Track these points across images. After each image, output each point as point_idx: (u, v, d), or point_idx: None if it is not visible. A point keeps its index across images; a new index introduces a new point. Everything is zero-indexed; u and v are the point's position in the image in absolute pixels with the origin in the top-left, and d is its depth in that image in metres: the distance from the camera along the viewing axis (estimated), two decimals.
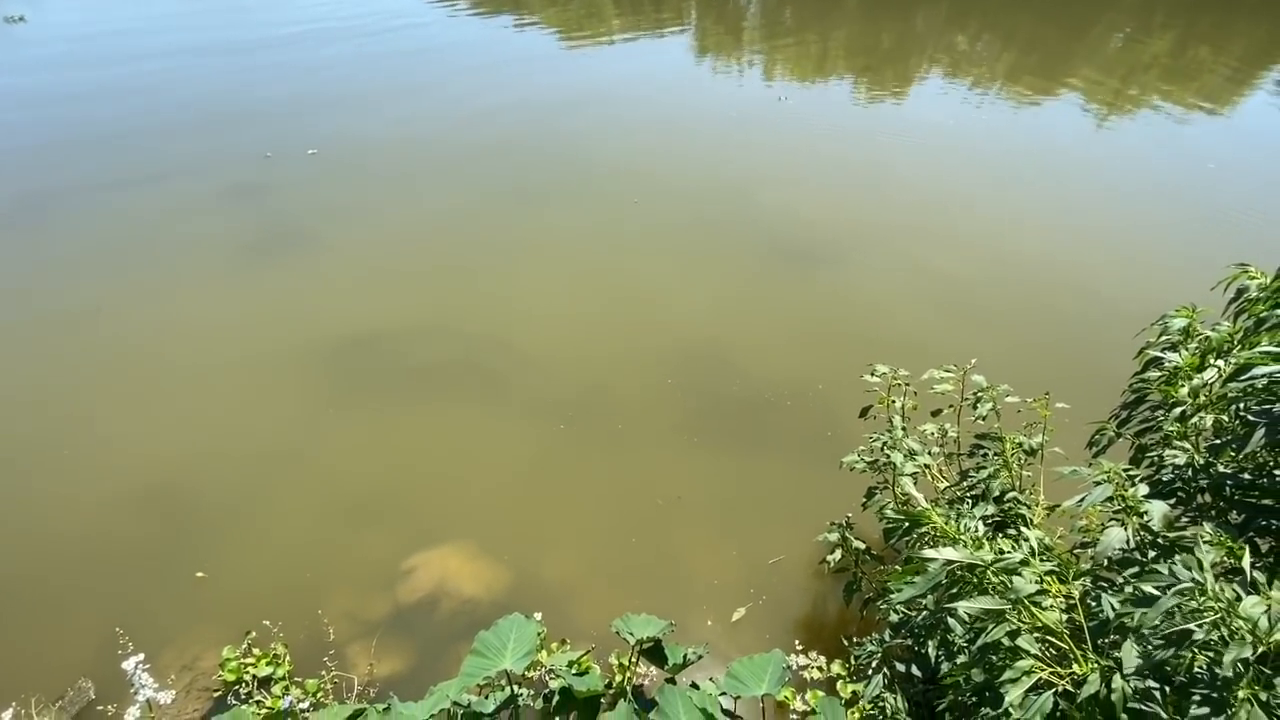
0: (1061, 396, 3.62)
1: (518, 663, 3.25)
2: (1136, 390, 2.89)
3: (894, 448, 3.83)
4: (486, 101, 12.86)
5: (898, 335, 7.01)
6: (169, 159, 10.27)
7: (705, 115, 12.68)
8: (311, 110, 12.26)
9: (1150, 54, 17.37)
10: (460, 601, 4.64)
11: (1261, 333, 2.47)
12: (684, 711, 3.18)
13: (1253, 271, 2.71)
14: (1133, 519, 2.36)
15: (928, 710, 3.19)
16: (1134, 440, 3.02)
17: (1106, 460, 2.57)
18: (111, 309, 7.20)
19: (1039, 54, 17.55)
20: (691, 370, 6.55)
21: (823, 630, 4.57)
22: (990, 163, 11.16)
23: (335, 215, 8.97)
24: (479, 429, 5.95)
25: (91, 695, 4.08)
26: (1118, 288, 7.78)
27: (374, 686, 4.16)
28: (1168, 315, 2.97)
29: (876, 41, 17.91)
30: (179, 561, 4.81)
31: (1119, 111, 13.78)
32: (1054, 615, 2.24)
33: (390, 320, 7.13)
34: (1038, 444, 3.60)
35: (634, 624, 3.66)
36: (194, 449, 5.67)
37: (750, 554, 4.97)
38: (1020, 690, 2.10)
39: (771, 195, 9.67)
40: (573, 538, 5.07)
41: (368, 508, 5.22)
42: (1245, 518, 2.50)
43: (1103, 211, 9.65)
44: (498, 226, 8.85)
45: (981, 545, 2.41)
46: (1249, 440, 2.28)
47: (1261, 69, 16.56)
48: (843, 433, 5.65)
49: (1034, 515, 3.29)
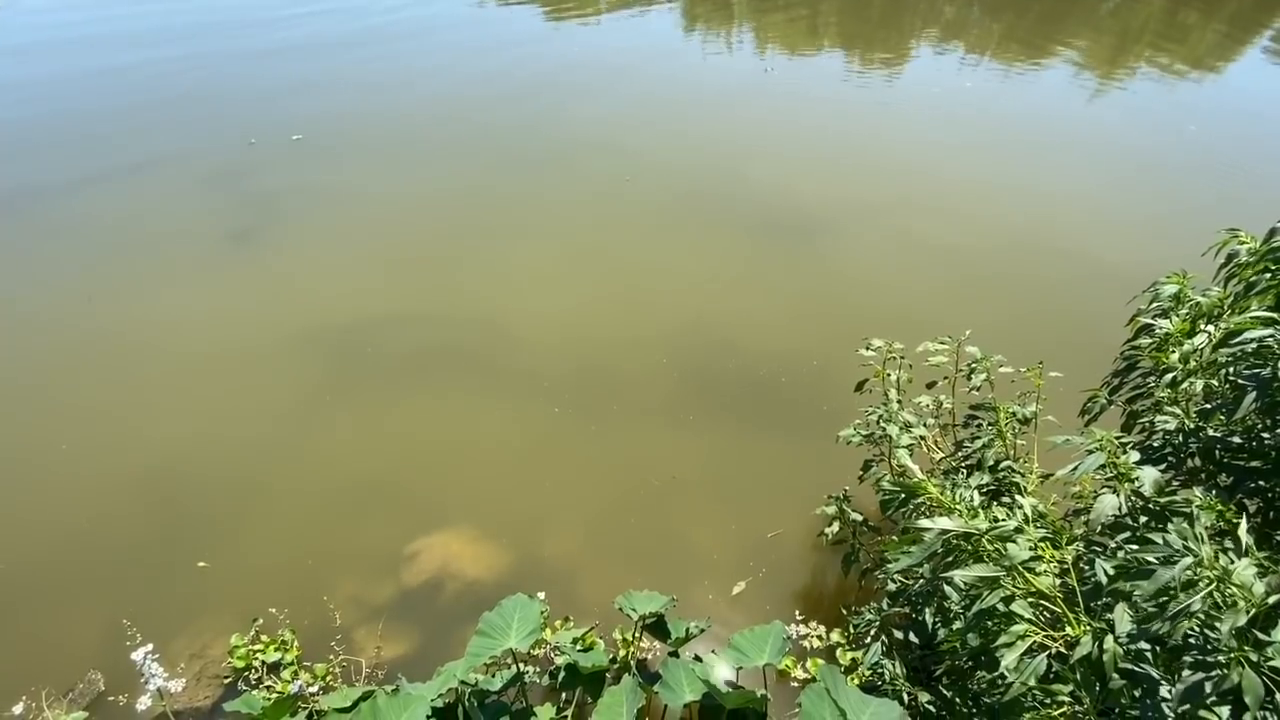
0: (1055, 365, 3.65)
1: (522, 641, 3.30)
2: (1128, 357, 2.91)
3: (890, 420, 3.86)
4: (472, 81, 12.67)
5: (892, 308, 7.02)
6: (151, 148, 10.09)
7: (695, 90, 12.53)
8: (294, 94, 12.05)
9: (1141, 18, 17.21)
10: (464, 584, 4.69)
11: (1251, 297, 2.49)
12: (687, 684, 3.25)
13: (1242, 236, 2.72)
14: (1125, 485, 2.40)
15: (925, 675, 3.26)
16: (1126, 407, 3.05)
17: (1099, 428, 2.60)
18: (102, 300, 7.14)
19: (1030, 20, 17.36)
20: (686, 348, 6.56)
21: (822, 601, 4.64)
22: (981, 131, 11.09)
23: (323, 201, 8.87)
24: (476, 412, 5.96)
25: (101, 687, 4.12)
26: (1111, 255, 7.79)
27: (382, 669, 4.22)
28: (1159, 282, 2.99)
29: (867, 11, 17.67)
30: (183, 552, 4.83)
31: (1110, 76, 13.69)
32: (1047, 580, 2.29)
33: (384, 305, 7.09)
34: (1031, 413, 3.64)
35: (636, 600, 3.71)
36: (193, 440, 5.67)
37: (749, 528, 5.03)
38: (1016, 654, 2.15)
39: (763, 169, 9.61)
40: (573, 518, 5.12)
41: (368, 493, 5.25)
42: (1234, 480, 2.54)
43: (1094, 178, 9.64)
44: (488, 208, 8.77)
45: (976, 514, 2.45)
46: (1240, 405, 2.31)
47: (1250, 32, 16.44)
48: (839, 407, 5.69)
49: (1028, 483, 3.33)
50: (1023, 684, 2.18)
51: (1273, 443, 2.47)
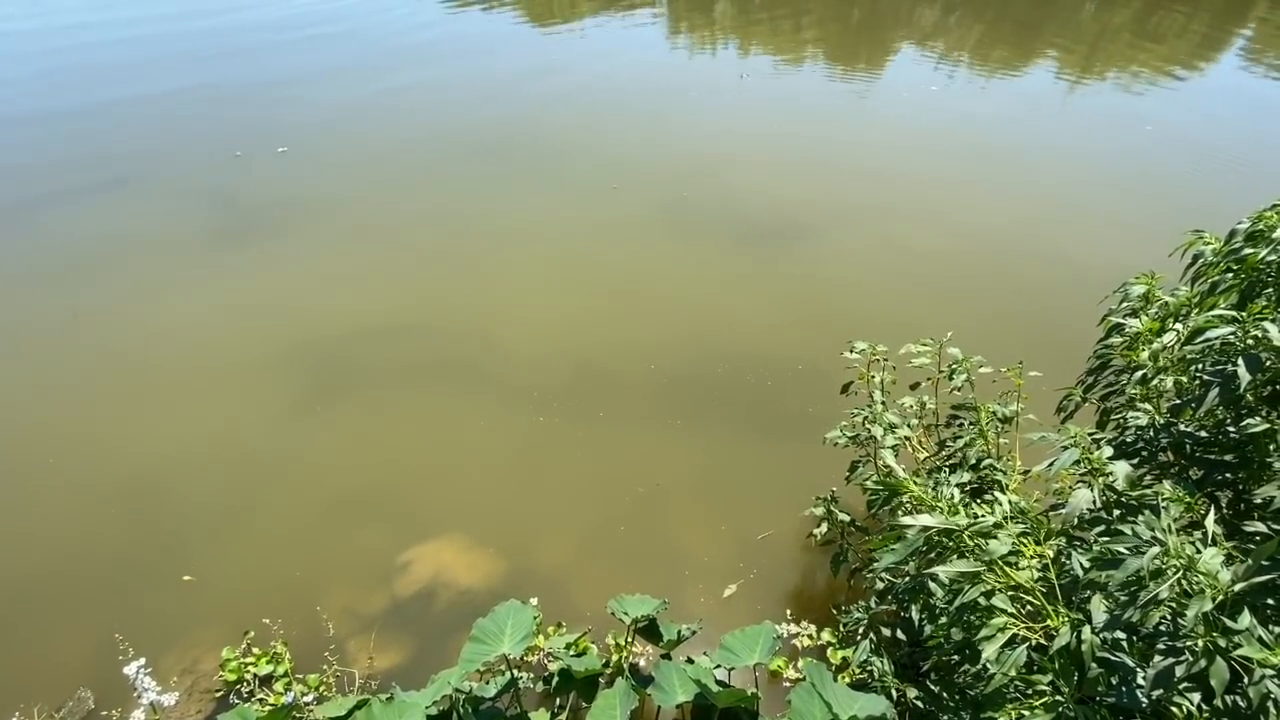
0: (1035, 364, 3.74)
1: (516, 647, 3.33)
2: (1100, 356, 3.00)
3: (875, 422, 3.93)
4: (457, 93, 12.72)
5: (875, 311, 7.12)
6: (136, 161, 10.06)
7: (679, 97, 12.65)
8: (278, 105, 12.05)
9: (1117, 22, 17.54)
10: (457, 592, 4.70)
11: (1215, 296, 2.58)
12: (680, 685, 3.29)
13: (1207, 237, 2.82)
14: (1099, 480, 2.47)
15: (913, 671, 3.32)
16: (1100, 404, 3.14)
17: (1074, 425, 2.68)
18: (87, 315, 7.10)
19: (1008, 25, 17.66)
20: (673, 354, 6.62)
21: (812, 601, 4.70)
22: (958, 135, 11.27)
23: (309, 213, 8.87)
24: (465, 421, 5.98)
25: (91, 705, 4.10)
26: (1087, 255, 7.95)
27: (375, 679, 4.23)
28: (1128, 282, 3.08)
29: (847, 17, 17.90)
30: (174, 566, 4.82)
31: (1087, 80, 13.95)
32: (1027, 574, 2.35)
33: (370, 315, 7.10)
34: (1012, 412, 3.72)
35: (628, 604, 3.75)
36: (182, 452, 5.65)
37: (740, 531, 5.08)
38: (995, 646, 2.21)
39: (746, 176, 9.72)
40: (564, 525, 5.15)
41: (358, 504, 5.26)
42: (1204, 473, 2.62)
43: (1070, 180, 9.82)
44: (474, 218, 8.81)
45: (957, 511, 2.51)
46: (1206, 400, 2.39)
47: (1226, 34, 16.80)
48: (825, 409, 5.76)
49: (1010, 480, 3.41)
50: (1004, 675, 2.24)
51: (1239, 436, 2.55)
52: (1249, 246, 2.55)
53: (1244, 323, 2.34)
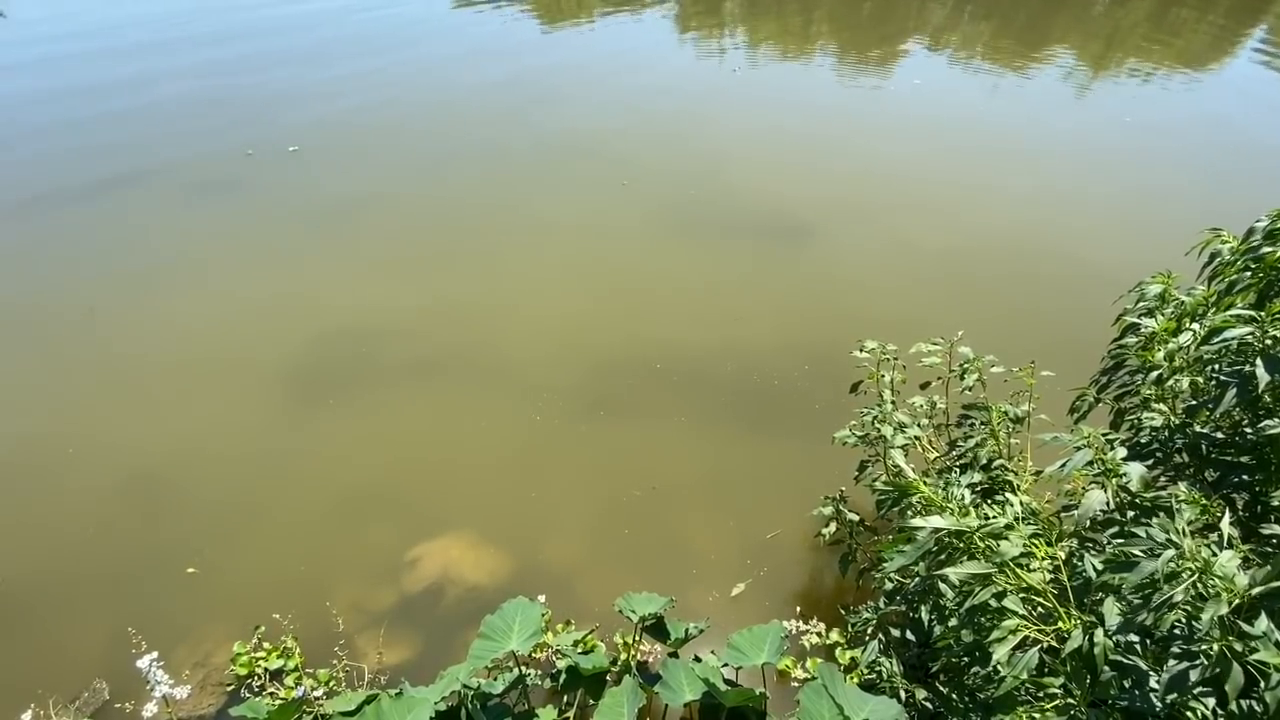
0: (1048, 364, 3.70)
1: (524, 644, 3.33)
2: (1115, 356, 2.96)
3: (884, 421, 3.91)
4: (468, 89, 12.74)
5: (884, 310, 7.08)
6: (149, 159, 10.15)
7: (688, 94, 12.61)
8: (289, 104, 12.11)
9: (1131, 19, 17.35)
10: (465, 589, 4.72)
11: (1233, 295, 2.55)
12: (687, 684, 3.28)
13: (1224, 235, 2.78)
14: (1112, 481, 2.44)
15: (922, 672, 3.30)
16: (1113, 405, 3.10)
17: (1087, 425, 2.65)
18: (103, 310, 7.18)
19: (1019, 22, 17.50)
20: (681, 353, 6.60)
21: (821, 600, 4.68)
22: (969, 132, 11.18)
23: (321, 211, 8.92)
24: (474, 418, 6.00)
25: (106, 695, 4.15)
26: (1100, 253, 7.86)
27: (384, 674, 4.25)
28: (1144, 282, 3.04)
29: (856, 17, 17.79)
30: (186, 560, 4.86)
31: (1099, 78, 13.80)
32: (1038, 576, 2.33)
33: (381, 312, 7.14)
34: (1024, 412, 3.69)
35: (636, 602, 3.75)
36: (195, 448, 5.70)
37: (748, 530, 5.07)
38: (1007, 648, 2.19)
39: (757, 174, 9.68)
40: (573, 522, 5.16)
41: (367, 500, 5.28)
42: (1220, 475, 2.59)
43: (1082, 177, 9.72)
44: (485, 215, 8.83)
45: (968, 512, 2.50)
46: (1222, 401, 2.36)
47: (1241, 30, 16.58)
48: (834, 408, 5.73)
49: (1021, 481, 3.38)
50: (1015, 677, 2.23)
51: (1256, 438, 2.52)
52: (1268, 245, 2.51)
53: (1262, 322, 2.30)
